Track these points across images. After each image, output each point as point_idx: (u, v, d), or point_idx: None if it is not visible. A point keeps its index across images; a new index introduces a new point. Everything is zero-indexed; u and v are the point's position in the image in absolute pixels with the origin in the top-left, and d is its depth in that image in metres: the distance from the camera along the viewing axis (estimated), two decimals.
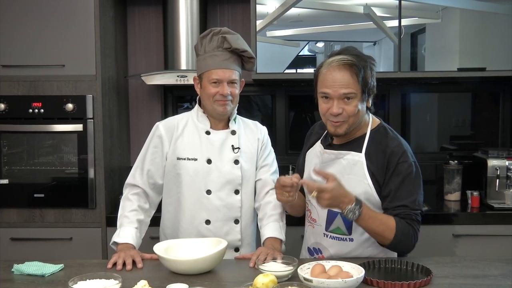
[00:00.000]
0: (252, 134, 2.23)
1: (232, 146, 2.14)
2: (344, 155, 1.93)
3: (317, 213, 2.00)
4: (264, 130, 2.28)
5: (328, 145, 2.01)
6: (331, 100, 1.86)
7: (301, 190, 2.15)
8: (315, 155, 2.05)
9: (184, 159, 2.11)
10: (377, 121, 2.00)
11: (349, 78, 1.83)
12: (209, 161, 2.11)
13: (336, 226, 1.95)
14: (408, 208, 1.85)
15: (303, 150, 2.17)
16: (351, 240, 1.92)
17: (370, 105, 1.93)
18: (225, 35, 2.05)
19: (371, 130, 1.94)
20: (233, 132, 2.15)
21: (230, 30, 2.09)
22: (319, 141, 2.07)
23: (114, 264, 1.89)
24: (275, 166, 2.26)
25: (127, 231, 2.05)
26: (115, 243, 2.05)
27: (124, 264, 1.88)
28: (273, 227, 2.10)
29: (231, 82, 2.07)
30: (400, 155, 1.86)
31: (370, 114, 1.99)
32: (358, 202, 1.79)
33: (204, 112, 2.16)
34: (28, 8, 2.90)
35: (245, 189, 2.16)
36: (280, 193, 1.89)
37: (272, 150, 2.29)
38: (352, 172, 1.90)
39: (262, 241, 2.10)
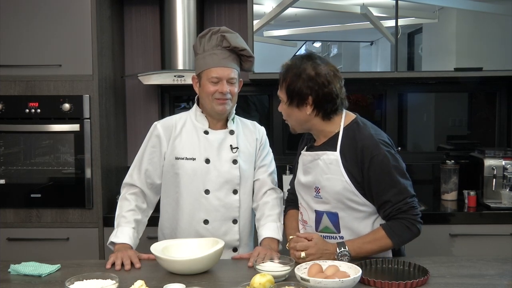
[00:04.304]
0: (251, 134, 2.23)
1: (231, 146, 2.14)
2: (321, 155, 1.94)
3: (308, 215, 2.02)
4: (262, 130, 2.28)
5: (309, 147, 2.04)
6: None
7: (294, 202, 2.17)
8: (300, 159, 2.07)
9: (183, 158, 2.11)
10: (352, 117, 1.99)
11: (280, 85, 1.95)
12: (207, 161, 2.10)
13: (324, 225, 1.97)
14: (394, 203, 1.86)
15: (296, 157, 2.18)
16: (341, 238, 1.94)
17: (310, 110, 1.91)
18: (224, 33, 2.05)
19: (344, 127, 1.94)
20: (232, 132, 2.15)
21: (229, 29, 2.09)
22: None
23: (113, 265, 1.89)
24: (273, 166, 2.26)
25: (125, 231, 2.05)
26: (112, 243, 2.04)
27: (122, 265, 1.88)
28: (270, 228, 2.10)
29: (230, 81, 2.06)
30: (372, 148, 1.86)
31: (344, 111, 1.98)
32: (341, 244, 1.87)
33: (202, 112, 2.15)
34: (24, 8, 2.90)
35: (243, 189, 2.16)
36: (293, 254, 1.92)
37: (270, 151, 2.29)
38: (330, 172, 1.91)
39: (259, 241, 2.11)
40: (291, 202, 2.21)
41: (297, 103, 1.90)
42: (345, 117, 1.97)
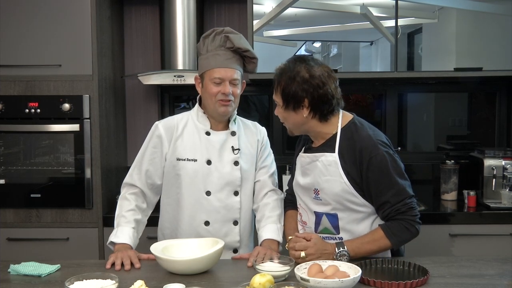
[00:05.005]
0: (252, 135, 2.22)
1: (232, 147, 2.13)
2: (319, 157, 1.94)
3: (307, 216, 2.02)
4: (263, 131, 2.28)
5: (307, 149, 2.03)
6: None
7: (293, 202, 2.17)
8: (298, 160, 2.07)
9: (184, 159, 2.10)
10: (349, 117, 1.99)
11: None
12: (209, 162, 2.10)
13: (324, 226, 1.97)
14: (393, 204, 1.86)
15: (294, 158, 2.18)
16: (341, 239, 1.94)
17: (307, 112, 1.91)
18: (228, 34, 2.04)
19: (342, 128, 1.94)
20: (233, 133, 2.15)
21: (233, 30, 2.08)
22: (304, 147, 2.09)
23: (113, 265, 1.89)
24: (274, 167, 2.26)
25: (125, 231, 2.05)
26: (112, 243, 2.04)
27: (122, 265, 1.88)
28: (270, 229, 2.10)
29: (233, 82, 2.05)
30: (370, 149, 1.86)
31: (341, 111, 1.98)
32: (340, 244, 1.87)
33: (204, 113, 2.15)
34: (24, 8, 2.89)
35: (244, 191, 2.16)
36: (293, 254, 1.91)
37: (271, 152, 2.28)
38: (328, 173, 1.91)
39: (259, 243, 2.10)
40: (289, 203, 2.21)
41: (293, 106, 1.90)
42: (342, 118, 1.96)
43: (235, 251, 2.15)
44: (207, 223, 2.10)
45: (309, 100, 1.87)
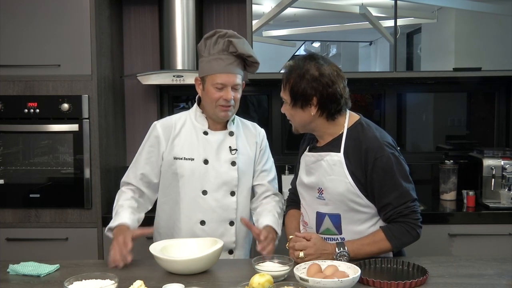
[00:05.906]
0: (251, 136, 2.22)
1: (230, 147, 2.13)
2: (324, 156, 1.94)
3: (308, 216, 2.02)
4: (262, 133, 2.28)
5: (312, 148, 2.03)
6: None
7: (295, 202, 2.17)
8: (303, 159, 2.06)
9: (181, 158, 2.10)
10: (355, 117, 1.99)
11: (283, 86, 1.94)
12: (206, 162, 2.10)
13: (326, 227, 1.96)
14: (395, 206, 1.86)
15: (298, 157, 2.18)
16: (343, 239, 1.93)
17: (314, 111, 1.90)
18: (232, 39, 2.02)
19: (348, 128, 1.94)
20: (231, 133, 2.15)
21: (236, 34, 2.06)
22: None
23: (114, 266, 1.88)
24: (273, 171, 2.27)
25: (122, 214, 2.03)
26: (110, 230, 2.01)
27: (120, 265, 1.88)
28: (271, 219, 2.10)
29: (235, 87, 2.05)
30: (376, 150, 1.86)
31: (348, 111, 1.98)
32: (340, 244, 1.86)
33: (202, 112, 2.15)
34: (23, 8, 2.89)
35: (241, 191, 2.15)
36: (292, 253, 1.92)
37: (271, 155, 2.29)
38: (333, 173, 1.90)
39: (257, 235, 2.08)
40: (292, 202, 2.20)
41: (302, 104, 1.89)
42: (349, 118, 1.96)
43: (231, 252, 2.15)
44: (203, 222, 2.10)
45: (317, 99, 1.87)
